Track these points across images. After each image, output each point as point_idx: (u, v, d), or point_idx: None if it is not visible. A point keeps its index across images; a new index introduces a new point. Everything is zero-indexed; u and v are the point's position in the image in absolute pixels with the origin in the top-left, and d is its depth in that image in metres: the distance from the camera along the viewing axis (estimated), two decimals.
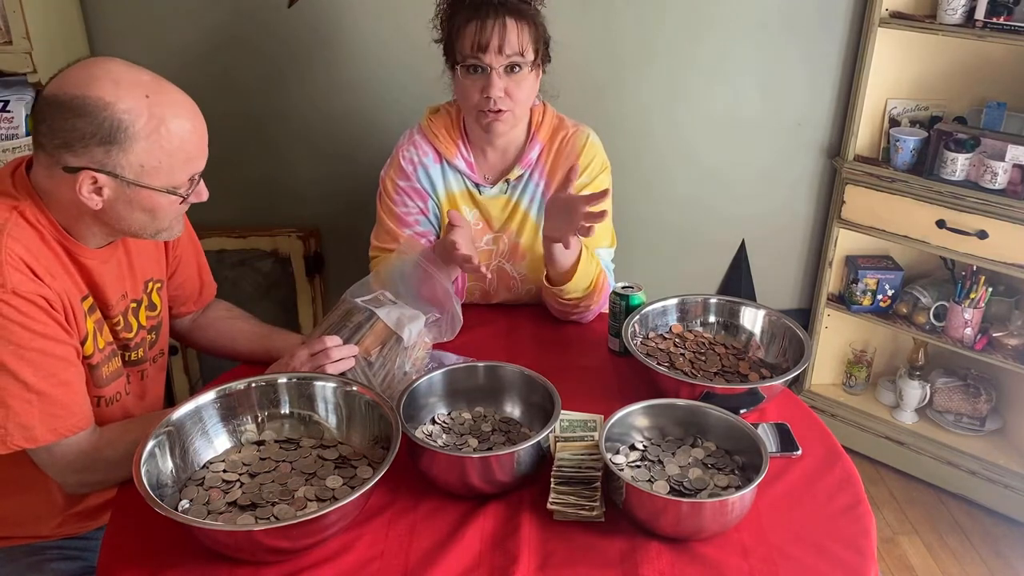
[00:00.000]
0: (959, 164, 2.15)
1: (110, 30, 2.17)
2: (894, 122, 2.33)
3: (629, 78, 2.32)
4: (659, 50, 2.30)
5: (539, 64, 1.57)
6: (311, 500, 1.15)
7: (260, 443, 1.26)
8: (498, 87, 1.51)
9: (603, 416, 1.29)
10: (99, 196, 1.17)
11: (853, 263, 2.44)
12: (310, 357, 1.33)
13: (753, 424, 1.25)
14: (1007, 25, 2.01)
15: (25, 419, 1.17)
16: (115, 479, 1.25)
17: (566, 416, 1.33)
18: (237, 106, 2.27)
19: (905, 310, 2.39)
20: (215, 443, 1.24)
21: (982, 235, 2.14)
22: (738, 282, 2.57)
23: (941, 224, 2.20)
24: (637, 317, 1.49)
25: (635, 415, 1.26)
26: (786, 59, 2.33)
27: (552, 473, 1.20)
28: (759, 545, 1.13)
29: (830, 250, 2.45)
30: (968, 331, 2.25)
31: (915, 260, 2.47)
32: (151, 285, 1.41)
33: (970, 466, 2.34)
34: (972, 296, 2.22)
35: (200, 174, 1.25)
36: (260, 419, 1.28)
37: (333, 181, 2.38)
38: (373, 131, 2.31)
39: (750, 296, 2.59)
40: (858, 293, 2.41)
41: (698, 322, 1.55)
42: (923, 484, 2.43)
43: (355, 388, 1.28)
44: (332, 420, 1.29)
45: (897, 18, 2.18)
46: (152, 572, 1.09)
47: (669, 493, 1.16)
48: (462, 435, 1.30)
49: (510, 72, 1.52)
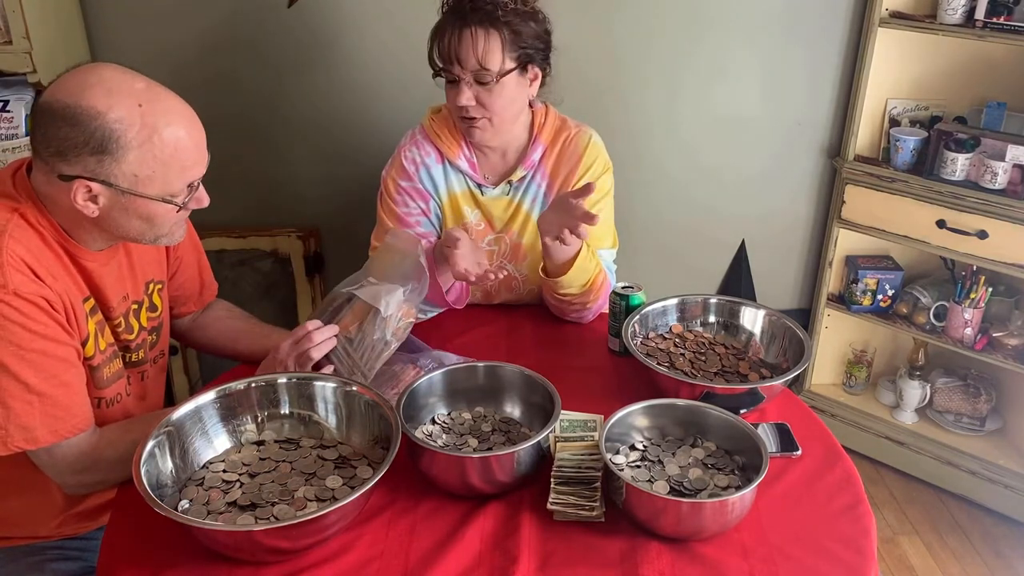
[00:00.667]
0: (959, 164, 2.15)
1: (110, 30, 2.17)
2: (894, 122, 2.33)
3: (629, 78, 2.32)
4: (659, 50, 2.30)
5: (522, 72, 1.54)
6: (311, 500, 1.15)
7: (260, 443, 1.26)
8: (466, 96, 1.51)
9: (603, 416, 1.29)
10: (95, 204, 1.16)
11: (853, 263, 2.44)
12: (293, 345, 1.34)
13: (753, 424, 1.24)
14: (1007, 25, 2.01)
15: (26, 420, 1.16)
16: (115, 480, 1.25)
17: (566, 416, 1.33)
18: (237, 106, 2.26)
19: (905, 310, 2.39)
20: (215, 443, 1.24)
21: (982, 235, 2.14)
22: (738, 282, 2.57)
23: (941, 224, 2.20)
24: (637, 317, 1.49)
25: (635, 415, 1.26)
26: (786, 59, 2.33)
27: (552, 473, 1.20)
28: (759, 545, 1.13)
29: (830, 250, 2.45)
30: (968, 331, 2.25)
31: (915, 260, 2.47)
32: (152, 286, 1.41)
33: (970, 466, 2.34)
34: (972, 296, 2.22)
35: (199, 181, 1.23)
36: (260, 419, 1.28)
37: (333, 181, 2.38)
38: (373, 131, 2.31)
39: (750, 296, 2.59)
40: (858, 293, 2.41)
41: (698, 322, 1.55)
42: (923, 484, 2.43)
43: (355, 388, 1.27)
44: (332, 420, 1.29)
45: (897, 18, 2.18)
46: (152, 572, 1.09)
47: (669, 493, 1.16)
48: (462, 435, 1.30)
49: (480, 82, 1.51)
